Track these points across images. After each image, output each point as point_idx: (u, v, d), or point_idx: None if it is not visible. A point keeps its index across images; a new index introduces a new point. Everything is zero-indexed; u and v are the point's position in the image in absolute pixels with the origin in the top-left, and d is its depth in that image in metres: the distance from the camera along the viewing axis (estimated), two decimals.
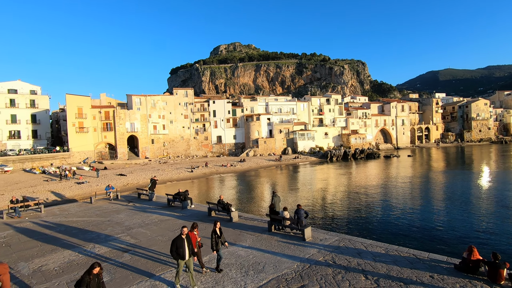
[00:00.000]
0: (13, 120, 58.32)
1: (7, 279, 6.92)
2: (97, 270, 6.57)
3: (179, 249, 8.15)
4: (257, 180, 42.33)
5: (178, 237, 8.37)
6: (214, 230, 9.38)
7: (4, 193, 30.96)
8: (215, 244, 9.17)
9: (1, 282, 6.82)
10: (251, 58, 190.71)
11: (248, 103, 79.66)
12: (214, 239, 9.20)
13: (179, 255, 8.15)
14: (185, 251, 8.18)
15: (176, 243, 8.20)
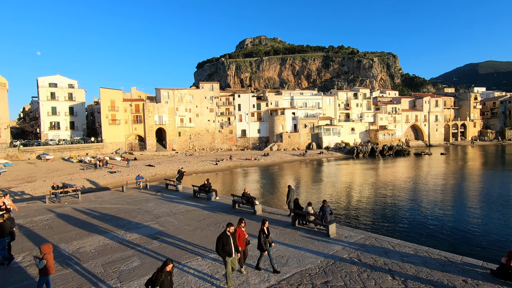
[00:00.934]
0: (54, 112, 62.63)
1: (51, 258, 7.55)
2: (170, 267, 6.27)
3: (225, 246, 7.80)
4: (281, 175, 42.29)
5: (223, 234, 7.99)
6: (262, 229, 8.93)
7: (46, 179, 33.52)
8: (264, 243, 8.76)
9: (45, 261, 7.46)
10: (276, 52, 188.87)
11: (273, 97, 79.30)
12: (263, 239, 8.78)
13: (225, 253, 7.80)
14: (232, 248, 7.88)
15: (222, 240, 7.85)
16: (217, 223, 14.02)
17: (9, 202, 13.64)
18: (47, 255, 7.48)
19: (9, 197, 14.22)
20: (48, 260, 7.43)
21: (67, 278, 8.87)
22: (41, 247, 7.56)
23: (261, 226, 9.02)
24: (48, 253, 7.52)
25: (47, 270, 7.41)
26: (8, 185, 30.49)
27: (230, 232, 8.00)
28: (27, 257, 10.51)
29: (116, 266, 9.52)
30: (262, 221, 9.10)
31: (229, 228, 8.01)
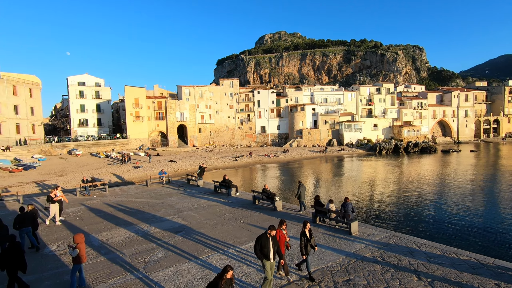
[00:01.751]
0: (82, 109, 65.74)
1: (83, 247, 8.00)
2: (230, 274, 5.77)
3: (263, 248, 7.32)
4: (300, 171, 41.99)
5: (263, 236, 7.48)
6: (303, 231, 8.32)
7: (76, 173, 35.37)
8: (304, 247, 8.18)
9: (78, 250, 7.92)
10: (296, 47, 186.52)
11: (293, 93, 78.56)
12: (304, 242, 8.20)
13: (263, 255, 7.31)
14: (270, 251, 7.31)
15: (260, 242, 7.37)
16: (237, 218, 14.20)
17: (61, 194, 14.59)
18: (80, 245, 7.90)
19: (60, 189, 15.21)
20: (80, 249, 7.87)
21: (97, 267, 9.36)
22: (74, 237, 8.02)
23: (302, 228, 8.40)
24: (81, 243, 7.95)
25: (80, 259, 7.85)
26: (43, 178, 32.47)
27: (271, 235, 7.46)
28: (61, 246, 11.19)
29: (142, 257, 9.93)
30: (303, 223, 8.48)
31: (271, 230, 7.46)
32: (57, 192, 14.39)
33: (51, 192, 14.24)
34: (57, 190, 14.51)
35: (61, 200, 14.41)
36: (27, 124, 51.64)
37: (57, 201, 13.97)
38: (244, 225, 13.15)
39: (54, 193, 14.07)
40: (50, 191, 14.60)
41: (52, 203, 13.75)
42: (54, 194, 14.05)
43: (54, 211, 13.87)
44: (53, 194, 13.98)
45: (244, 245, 10.73)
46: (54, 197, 13.86)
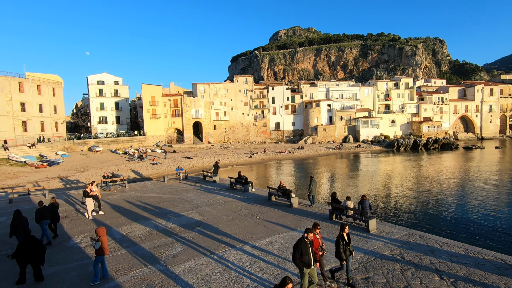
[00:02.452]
0: (101, 107, 67.78)
1: (105, 240, 8.30)
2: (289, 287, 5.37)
3: (304, 256, 6.70)
4: (316, 168, 41.62)
5: (302, 241, 6.85)
6: (342, 235, 7.79)
7: (97, 169, 36.61)
8: (343, 251, 7.63)
9: (100, 242, 8.23)
10: (311, 42, 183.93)
11: (308, 89, 77.72)
12: (342, 246, 7.66)
13: (304, 263, 6.71)
14: (311, 258, 6.80)
15: (300, 248, 6.74)
16: (253, 214, 14.29)
17: (96, 189, 15.15)
18: (102, 237, 8.19)
19: (95, 185, 15.81)
20: (102, 242, 8.16)
21: (119, 259, 9.69)
22: (96, 230, 8.33)
23: (340, 232, 7.86)
24: (103, 236, 8.24)
25: (102, 251, 8.15)
26: (66, 174, 33.84)
27: (309, 239, 6.92)
28: (85, 239, 11.66)
29: (161, 251, 10.19)
30: (341, 226, 7.87)
31: (308, 234, 6.92)
32: (93, 187, 14.90)
33: (87, 187, 14.77)
34: (92, 185, 15.03)
35: (96, 195, 14.96)
36: (51, 122, 53.84)
37: (93, 196, 14.62)
38: (260, 221, 13.21)
39: (89, 188, 14.63)
40: (86, 186, 15.20)
41: (88, 197, 14.37)
42: (90, 189, 14.60)
43: (90, 205, 14.50)
44: (88, 189, 14.54)
45: (260, 241, 10.80)
46: (89, 192, 14.47)
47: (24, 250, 7.95)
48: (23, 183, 28.36)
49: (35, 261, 8.13)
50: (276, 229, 12.03)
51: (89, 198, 14.40)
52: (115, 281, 8.26)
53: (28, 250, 7.99)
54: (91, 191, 14.57)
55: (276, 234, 11.44)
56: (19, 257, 7.95)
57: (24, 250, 7.95)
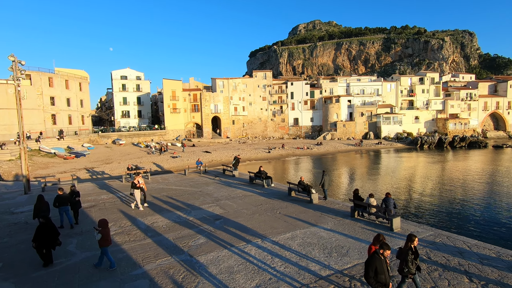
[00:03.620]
0: (124, 102, 69.95)
1: (106, 232, 8.43)
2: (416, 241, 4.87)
3: (380, 275, 5.78)
4: (335, 165, 41.04)
5: (375, 257, 5.89)
6: (410, 247, 6.51)
7: (121, 161, 37.97)
8: (410, 265, 6.47)
9: (101, 235, 8.34)
10: (331, 36, 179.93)
11: (327, 84, 76.40)
12: (410, 260, 6.46)
13: (380, 283, 5.78)
14: (387, 277, 5.84)
15: (374, 266, 5.80)
16: (273, 209, 14.34)
17: (142, 181, 15.28)
18: (102, 230, 8.40)
19: (141, 177, 15.93)
20: (103, 234, 8.37)
21: (145, 248, 10.07)
22: (98, 222, 8.59)
23: (407, 243, 6.57)
24: (103, 228, 8.44)
25: (104, 242, 8.41)
26: (92, 165, 35.35)
27: (385, 255, 5.92)
28: (113, 227, 12.15)
29: (185, 242, 10.48)
30: (409, 237, 6.57)
31: (384, 250, 5.91)
32: (139, 179, 15.12)
33: (135, 178, 15.04)
34: (139, 177, 15.24)
35: (142, 188, 15.19)
36: (78, 116, 56.25)
37: (140, 187, 14.90)
38: (280, 216, 13.25)
39: (137, 180, 14.92)
40: (134, 177, 15.44)
41: (136, 189, 14.74)
42: (137, 180, 14.89)
43: (138, 196, 14.81)
44: (136, 181, 14.86)
45: (281, 236, 10.85)
46: (137, 183, 14.78)
47: (40, 233, 8.53)
48: (53, 173, 29.92)
49: (48, 244, 8.69)
50: (297, 224, 12.02)
51: (136, 189, 14.74)
52: (142, 268, 8.60)
53: (44, 233, 8.56)
54: (138, 183, 14.83)
55: (296, 229, 11.44)
56: (37, 241, 8.53)
57: (40, 234, 8.53)
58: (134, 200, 15.06)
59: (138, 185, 14.82)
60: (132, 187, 14.87)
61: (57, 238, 8.85)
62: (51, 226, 8.83)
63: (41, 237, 8.55)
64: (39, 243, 8.59)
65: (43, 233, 8.57)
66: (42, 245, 8.64)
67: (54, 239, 8.76)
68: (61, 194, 12.34)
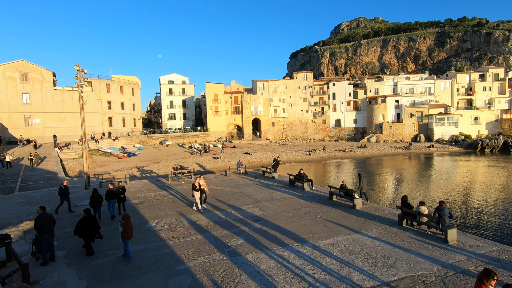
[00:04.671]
0: (171, 105, 74.22)
1: (127, 226, 9.24)
2: None
3: None
4: (380, 169, 38.79)
5: None
6: None
7: (167, 161, 40.31)
8: None
9: (122, 228, 9.21)
10: (377, 33, 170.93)
11: (372, 84, 72.70)
12: None
13: None
14: None
15: None
16: (314, 213, 14.00)
17: (203, 183, 15.13)
18: (124, 224, 9.21)
19: (203, 179, 15.62)
20: (124, 227, 9.17)
21: (188, 245, 10.51)
22: (123, 216, 9.50)
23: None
24: (126, 222, 9.23)
25: (125, 235, 9.21)
26: (142, 164, 38.08)
27: None
28: (159, 223, 12.95)
29: (225, 241, 10.72)
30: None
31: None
32: (201, 181, 14.95)
33: (195, 180, 14.93)
34: (200, 179, 15.07)
35: (203, 189, 14.97)
36: (130, 118, 61.10)
37: (200, 189, 14.74)
38: (321, 220, 12.89)
39: (197, 182, 14.76)
40: (194, 179, 15.32)
41: (196, 191, 14.60)
42: (198, 182, 14.73)
43: (198, 198, 14.68)
44: (197, 183, 14.69)
45: (322, 241, 10.53)
46: (198, 185, 14.65)
47: (81, 225, 9.48)
48: (109, 171, 32.84)
49: (89, 236, 9.53)
50: (338, 230, 11.58)
51: (196, 191, 14.62)
52: (185, 264, 8.99)
53: (84, 226, 9.46)
54: (199, 185, 14.68)
55: (338, 236, 11.01)
56: (78, 233, 9.50)
57: (81, 226, 9.48)
58: (194, 202, 14.98)
59: (198, 187, 14.58)
60: (193, 189, 14.75)
61: (97, 231, 9.69)
62: (92, 220, 9.65)
63: (82, 230, 9.47)
64: (79, 235, 9.55)
65: (84, 226, 9.46)
66: (83, 237, 9.55)
67: (94, 232, 9.59)
68: (111, 189, 13.96)
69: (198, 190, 14.60)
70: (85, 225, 9.46)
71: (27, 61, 47.29)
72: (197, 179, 14.96)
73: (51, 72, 49.46)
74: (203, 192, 14.90)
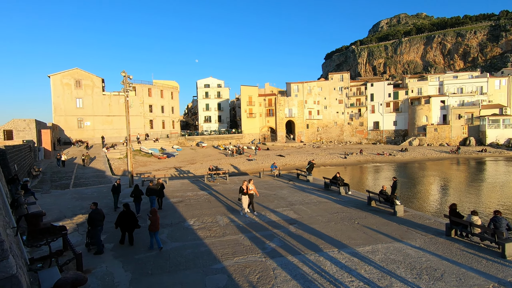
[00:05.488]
0: (207, 108, 76.58)
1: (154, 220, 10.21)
2: None
3: None
4: (423, 174, 36.28)
5: None
6: None
7: (203, 162, 41.62)
8: None
9: (150, 221, 10.21)
10: (420, 30, 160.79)
11: (414, 83, 68.47)
12: None
13: None
14: None
15: None
16: (351, 218, 13.51)
17: (252, 187, 14.54)
18: (152, 217, 10.19)
19: (252, 182, 14.87)
20: (152, 220, 10.19)
21: (223, 244, 10.73)
22: (150, 210, 10.54)
23: None
24: (153, 216, 10.24)
25: (152, 227, 10.22)
26: (180, 165, 39.74)
27: None
28: (196, 222, 13.40)
29: (260, 243, 10.75)
30: None
31: None
32: (250, 185, 14.34)
33: (243, 183, 14.33)
34: (249, 183, 14.44)
35: (252, 194, 14.31)
36: (169, 121, 64.18)
37: (249, 194, 14.12)
38: (359, 226, 12.39)
39: (245, 185, 14.18)
40: (242, 182, 14.68)
41: (244, 195, 14.08)
42: (246, 186, 14.16)
43: (245, 202, 14.11)
44: (244, 186, 14.12)
45: (360, 248, 10.12)
46: (245, 189, 14.08)
47: (121, 218, 10.54)
48: (150, 170, 34.77)
49: (128, 228, 10.63)
50: (378, 238, 11.04)
51: (244, 195, 14.07)
52: (221, 263, 9.19)
53: (124, 219, 10.52)
54: (246, 189, 14.13)
55: (378, 243, 10.50)
56: (119, 224, 10.58)
57: (121, 219, 10.54)
58: (242, 207, 14.40)
59: (245, 190, 13.98)
60: (240, 192, 14.14)
61: (135, 223, 10.70)
62: (130, 213, 10.62)
63: (122, 222, 10.55)
64: (119, 227, 10.64)
65: (123, 219, 10.53)
66: (123, 228, 10.65)
67: (133, 224, 10.61)
68: (151, 186, 15.47)
69: (245, 194, 13.99)
70: (124, 218, 10.51)
71: (80, 69, 52.00)
72: (245, 182, 14.22)
73: (101, 79, 53.82)
74: (251, 196, 14.27)
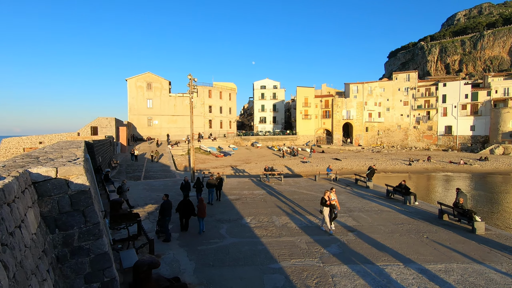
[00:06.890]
0: (262, 109, 77.86)
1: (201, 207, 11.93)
2: None
3: None
4: (508, 189, 31.23)
5: None
6: None
7: (257, 162, 42.45)
8: None
9: (197, 208, 12.06)
10: (508, 21, 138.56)
11: (499, 82, 59.44)
12: None
13: None
14: None
15: None
16: (418, 231, 12.36)
17: (335, 197, 12.30)
18: (199, 205, 12.04)
19: (334, 192, 12.74)
20: (199, 208, 11.98)
21: (280, 245, 10.80)
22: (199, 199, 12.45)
23: None
24: (200, 204, 12.04)
25: (200, 214, 11.94)
26: (235, 163, 41.21)
27: None
28: (253, 220, 13.75)
29: (317, 248, 10.55)
30: None
31: None
32: (332, 195, 12.21)
33: (325, 193, 12.18)
34: (331, 193, 12.32)
35: (334, 205, 12.09)
36: (227, 121, 67.01)
37: (330, 205, 11.96)
38: (428, 241, 11.26)
39: (327, 195, 12.01)
40: (324, 192, 12.72)
41: (326, 206, 11.90)
42: (328, 196, 12.00)
43: (326, 214, 11.99)
44: (326, 196, 11.98)
45: (430, 265, 9.19)
46: (327, 200, 11.90)
47: (181, 206, 12.05)
48: (208, 167, 36.80)
49: (186, 215, 12.12)
50: (452, 256, 9.88)
51: (326, 207, 11.90)
52: (278, 264, 9.27)
53: (183, 207, 12.01)
54: (329, 199, 11.96)
55: (452, 262, 9.40)
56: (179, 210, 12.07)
57: (181, 207, 12.05)
58: (323, 219, 12.35)
59: (328, 202, 11.93)
60: (322, 204, 11.96)
61: (192, 211, 12.07)
62: (188, 202, 12.13)
63: (181, 210, 12.04)
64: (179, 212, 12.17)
65: (183, 207, 12.01)
66: (181, 215, 12.18)
67: (190, 212, 12.03)
68: (210, 180, 17.21)
69: (328, 205, 11.94)
70: (183, 205, 12.03)
71: (152, 73, 57.67)
72: (327, 192, 12.18)
73: (168, 81, 58.89)
74: (333, 207, 12.12)
